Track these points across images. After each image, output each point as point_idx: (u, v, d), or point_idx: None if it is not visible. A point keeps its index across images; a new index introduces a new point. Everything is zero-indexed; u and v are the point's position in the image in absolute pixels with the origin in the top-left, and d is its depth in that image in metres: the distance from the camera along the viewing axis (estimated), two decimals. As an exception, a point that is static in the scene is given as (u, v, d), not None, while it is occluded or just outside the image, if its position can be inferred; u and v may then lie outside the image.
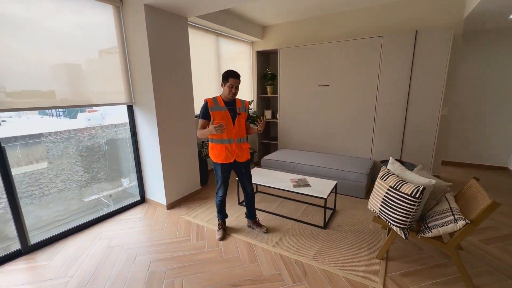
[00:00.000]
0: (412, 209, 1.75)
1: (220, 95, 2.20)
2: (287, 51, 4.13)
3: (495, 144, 4.20)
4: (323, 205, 2.51)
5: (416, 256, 2.09)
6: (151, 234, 2.51)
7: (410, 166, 3.11)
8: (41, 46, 2.18)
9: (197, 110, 3.81)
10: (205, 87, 4.10)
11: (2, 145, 2.07)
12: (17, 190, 2.21)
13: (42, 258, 2.17)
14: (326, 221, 2.62)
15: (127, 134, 3.09)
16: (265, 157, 3.94)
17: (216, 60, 4.24)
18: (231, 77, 2.09)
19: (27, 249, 2.23)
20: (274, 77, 4.50)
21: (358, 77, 3.62)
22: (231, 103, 2.19)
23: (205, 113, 2.14)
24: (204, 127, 2.16)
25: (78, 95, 2.50)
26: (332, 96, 3.88)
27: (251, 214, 2.50)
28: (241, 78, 2.17)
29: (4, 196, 2.12)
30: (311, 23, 4.28)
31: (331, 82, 3.85)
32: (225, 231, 2.48)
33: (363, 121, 3.70)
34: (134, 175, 3.19)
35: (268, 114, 4.77)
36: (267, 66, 4.74)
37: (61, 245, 2.35)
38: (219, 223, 2.50)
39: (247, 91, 4.95)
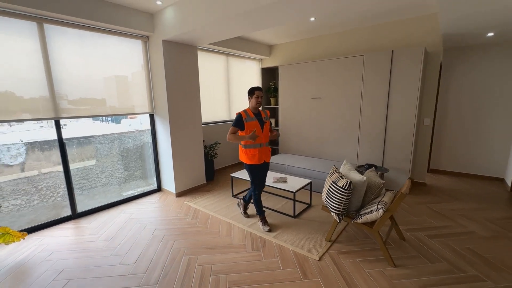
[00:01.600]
0: (343, 198, 2.23)
1: (249, 108, 2.69)
2: (286, 67, 4.74)
3: (492, 155, 4.25)
4: (301, 200, 3.04)
5: (360, 242, 2.52)
6: (159, 213, 3.29)
7: (383, 170, 3.47)
8: (94, 64, 3.13)
9: (204, 119, 4.62)
10: (217, 99, 4.89)
11: (64, 143, 3.02)
12: (72, 182, 3.15)
13: (84, 222, 3.07)
14: (299, 212, 3.14)
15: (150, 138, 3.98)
16: (263, 160, 4.55)
17: (225, 76, 5.01)
18: (256, 90, 2.62)
19: (75, 215, 3.16)
20: (276, 90, 5.13)
21: (345, 91, 4.07)
22: (258, 114, 2.68)
23: (239, 123, 2.59)
24: (235, 133, 2.60)
25: (121, 104, 3.43)
26: (323, 107, 4.37)
27: (249, 200, 3.11)
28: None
29: (64, 185, 3.06)
30: (308, 43, 4.84)
31: (322, 95, 4.35)
32: (268, 222, 2.85)
33: (349, 129, 4.12)
34: (154, 170, 4.05)
35: (272, 122, 5.38)
36: (271, 80, 5.39)
37: (97, 215, 3.24)
38: (261, 218, 2.83)
39: (255, 102, 5.64)
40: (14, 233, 2.34)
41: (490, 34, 3.44)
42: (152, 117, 3.86)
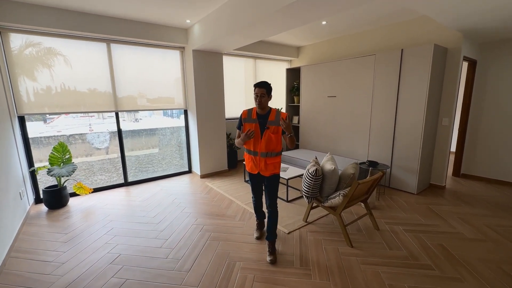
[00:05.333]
0: (311, 182, 2.58)
1: (255, 107, 2.27)
2: (307, 68, 5.05)
3: (537, 162, 3.71)
4: (297, 188, 3.45)
5: (333, 226, 2.80)
6: (184, 188, 4.14)
7: (383, 167, 3.53)
8: (145, 71, 4.18)
9: (227, 115, 5.32)
10: (245, 97, 5.55)
11: (121, 131, 4.14)
12: (140, 166, 4.37)
13: (131, 189, 4.15)
14: (293, 198, 3.54)
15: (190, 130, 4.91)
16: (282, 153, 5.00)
17: (253, 77, 5.62)
18: (255, 87, 2.17)
19: (126, 184, 4.28)
20: (299, 89, 5.47)
21: (357, 90, 4.18)
22: (264, 116, 2.20)
23: (239, 123, 2.32)
24: (239, 136, 2.33)
25: (163, 100, 4.44)
26: (338, 106, 4.55)
27: (268, 235, 2.33)
28: (277, 90, 2.43)
29: (113, 164, 4.21)
30: (330, 44, 5.03)
31: (337, 94, 4.53)
32: (261, 231, 2.64)
33: (361, 127, 4.22)
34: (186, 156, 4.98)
35: (295, 119, 5.75)
36: (296, 79, 5.73)
37: (141, 185, 4.29)
38: (256, 223, 2.70)
39: (282, 101, 6.08)
40: (85, 187, 3.48)
41: (521, 26, 3.10)
42: (185, 112, 4.77)
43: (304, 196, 2.71)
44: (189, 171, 4.98)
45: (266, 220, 2.47)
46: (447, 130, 3.69)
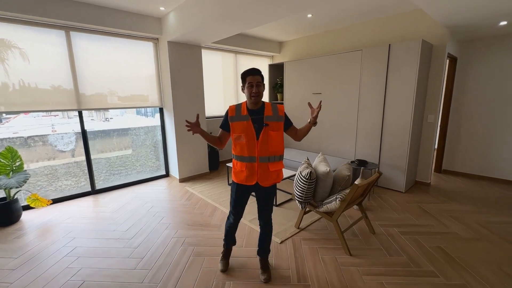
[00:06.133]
0: (305, 186, 2.36)
1: (245, 102, 1.80)
2: (291, 64, 4.85)
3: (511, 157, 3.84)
4: (286, 191, 3.21)
5: (328, 232, 2.62)
6: (161, 194, 3.74)
7: (373, 166, 3.43)
8: (112, 64, 3.69)
9: (208, 113, 4.98)
10: (226, 94, 5.23)
11: (86, 133, 3.63)
12: (111, 168, 3.90)
13: (100, 197, 3.66)
14: (282, 202, 3.31)
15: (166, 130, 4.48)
16: (264, 153, 4.76)
17: (234, 73, 5.31)
18: (248, 75, 1.72)
19: (94, 191, 3.78)
20: (282, 85, 5.26)
21: (344, 86, 4.05)
22: (257, 112, 1.75)
23: (224, 123, 1.80)
24: (220, 137, 1.86)
25: (135, 98, 3.97)
26: (324, 103, 4.38)
27: (261, 250, 2.02)
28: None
29: (79, 167, 3.70)
30: (314, 39, 4.87)
31: (323, 91, 4.38)
32: (227, 261, 2.10)
33: (348, 125, 4.10)
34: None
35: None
36: (279, 76, 5.52)
37: (112, 193, 3.82)
38: (223, 251, 2.12)
39: (265, 98, 5.84)
40: (41, 199, 2.96)
41: (503, 23, 3.13)
42: (161, 111, 4.34)
43: (297, 201, 2.48)
44: (167, 174, 4.56)
45: (259, 236, 2.04)
46: (432, 127, 3.68)
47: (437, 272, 2.00)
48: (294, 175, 3.40)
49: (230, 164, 3.89)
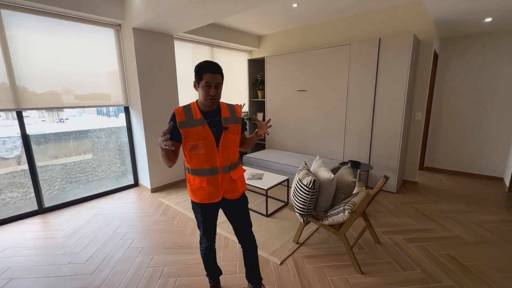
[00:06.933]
0: (307, 197, 2.03)
1: (196, 101, 1.47)
2: (272, 59, 4.52)
3: (491, 153, 3.94)
4: (275, 197, 2.86)
5: (331, 244, 2.33)
6: (130, 208, 3.16)
7: (367, 167, 3.25)
8: (63, 54, 3.00)
9: None
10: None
11: (28, 137, 2.90)
12: (68, 176, 3.23)
13: (51, 217, 2.97)
14: (273, 211, 2.97)
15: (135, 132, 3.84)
16: (246, 155, 4.37)
17: (211, 68, 4.81)
18: (207, 72, 1.35)
19: (42, 210, 3.06)
20: (263, 82, 4.91)
21: (331, 83, 3.83)
22: (213, 113, 1.45)
23: (172, 131, 1.39)
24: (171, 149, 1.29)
25: (94, 95, 3.29)
26: (309, 101, 4.14)
27: (251, 275, 1.70)
28: (238, 84, 1.50)
29: (28, 176, 2.97)
30: (295, 32, 4.60)
31: (308, 88, 4.12)
32: None
33: (336, 124, 3.89)
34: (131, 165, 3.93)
35: (260, 116, 5.18)
36: (260, 72, 5.16)
37: (67, 210, 3.13)
38: (210, 286, 1.80)
39: (244, 96, 5.43)
40: (-37, 228, 2.24)
41: (488, 19, 3.13)
42: (127, 110, 3.72)
43: (297, 214, 2.15)
44: (135, 184, 3.94)
45: (244, 258, 1.70)
46: (420, 125, 3.62)
47: (457, 286, 1.80)
48: (285, 180, 3.07)
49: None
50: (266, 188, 2.78)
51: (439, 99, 4.25)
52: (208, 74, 1.36)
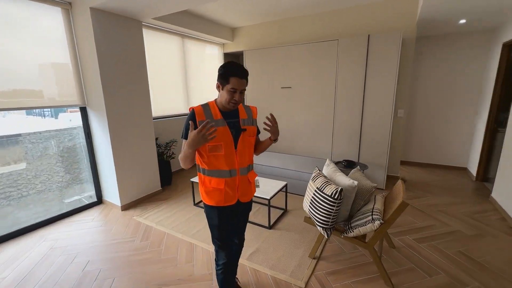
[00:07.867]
0: (332, 209, 1.80)
1: (215, 101, 1.41)
2: (252, 53, 4.18)
3: (456, 145, 4.31)
4: (273, 205, 2.56)
5: (348, 255, 2.16)
6: (97, 235, 2.53)
7: (363, 167, 3.19)
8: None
9: (158, 112, 3.87)
10: (173, 88, 4.13)
11: None
12: None
13: (-19, 260, 2.18)
14: (274, 221, 2.68)
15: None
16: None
17: (182, 61, 4.26)
18: (234, 77, 1.29)
19: (-34, 251, 2.24)
20: (241, 78, 4.55)
21: (318, 80, 3.68)
22: (231, 114, 1.41)
23: (187, 130, 1.30)
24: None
25: (32, 93, 2.51)
26: (294, 98, 3.94)
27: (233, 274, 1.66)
28: (210, 79, 1.39)
29: None
30: (276, 25, 4.34)
31: (293, 84, 3.91)
32: None
33: (323, 123, 3.77)
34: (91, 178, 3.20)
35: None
36: (236, 67, 4.78)
37: (3, 247, 2.35)
38: None
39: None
40: None
41: (462, 21, 3.32)
42: (84, 111, 2.99)
43: (320, 228, 1.91)
44: (99, 201, 3.24)
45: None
46: (402, 122, 3.72)
47: (484, 287, 1.79)
48: (284, 186, 2.81)
49: (194, 179, 3.01)
50: (269, 198, 2.48)
51: (414, 96, 4.47)
52: (235, 79, 1.30)
